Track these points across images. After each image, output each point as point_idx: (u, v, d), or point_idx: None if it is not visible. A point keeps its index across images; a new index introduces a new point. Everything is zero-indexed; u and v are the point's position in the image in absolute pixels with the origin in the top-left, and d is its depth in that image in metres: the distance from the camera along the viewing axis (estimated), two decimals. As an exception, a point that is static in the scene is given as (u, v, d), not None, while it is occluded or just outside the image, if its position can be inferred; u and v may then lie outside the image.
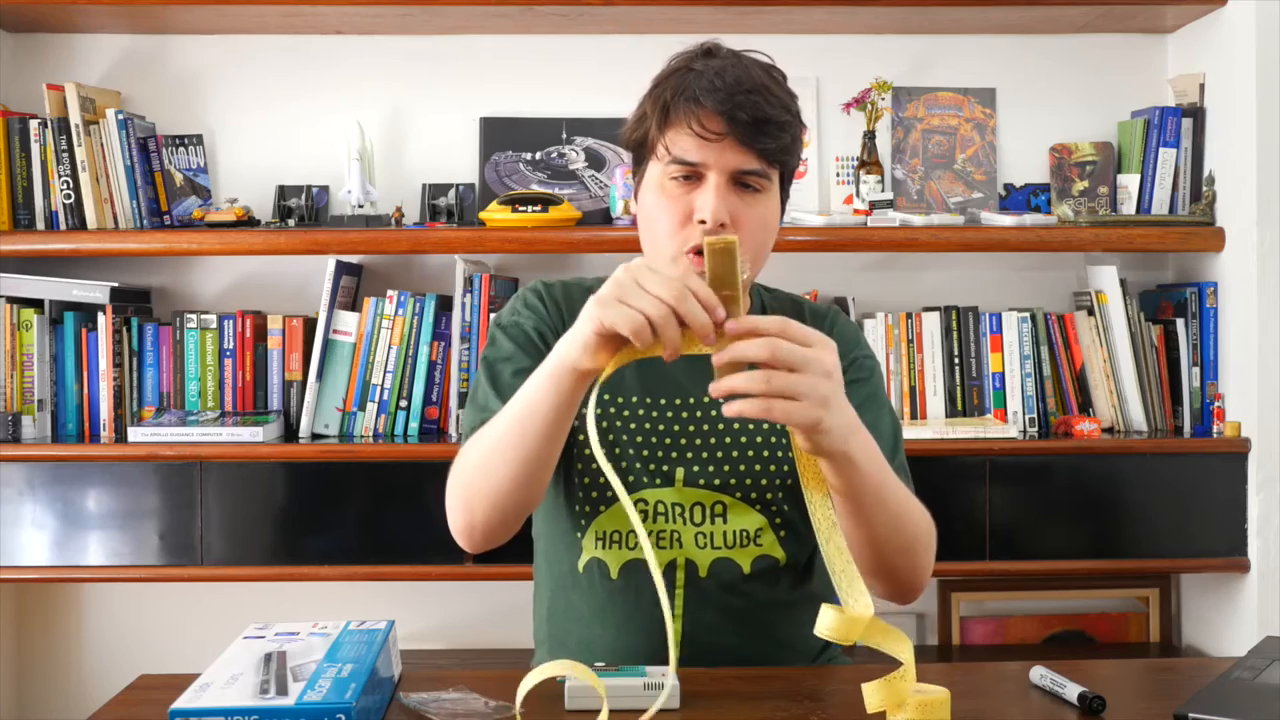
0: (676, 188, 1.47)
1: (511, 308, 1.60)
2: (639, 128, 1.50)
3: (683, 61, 1.49)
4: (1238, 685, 1.30)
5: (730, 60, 1.48)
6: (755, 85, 1.45)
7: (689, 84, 1.45)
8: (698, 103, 1.44)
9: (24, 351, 2.53)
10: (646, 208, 1.51)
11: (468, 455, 1.44)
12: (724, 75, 1.45)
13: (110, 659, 2.77)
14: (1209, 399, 2.58)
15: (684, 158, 1.45)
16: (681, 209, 1.46)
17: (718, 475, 1.52)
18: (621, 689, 1.26)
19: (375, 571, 2.45)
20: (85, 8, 2.51)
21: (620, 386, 1.54)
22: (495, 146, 2.72)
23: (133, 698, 1.34)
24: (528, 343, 1.54)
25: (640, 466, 1.51)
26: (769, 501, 1.54)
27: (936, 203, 2.75)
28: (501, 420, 1.39)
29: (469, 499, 1.43)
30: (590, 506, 1.53)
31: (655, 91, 1.49)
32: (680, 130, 1.45)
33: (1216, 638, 2.63)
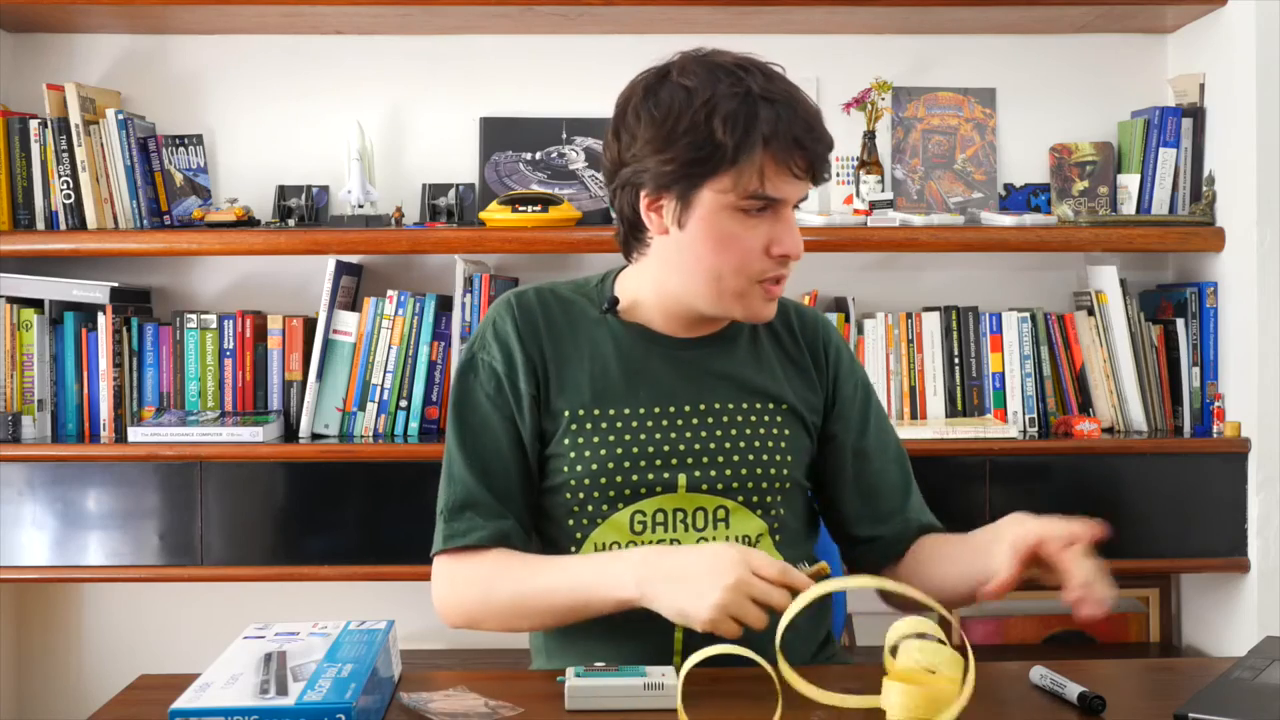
0: (746, 218, 1.47)
1: (480, 338, 1.58)
2: (698, 151, 1.44)
3: (740, 85, 1.44)
4: (1238, 685, 1.30)
5: (789, 84, 1.48)
6: (819, 115, 1.49)
7: (785, 120, 1.44)
8: (798, 143, 1.44)
9: (24, 351, 2.53)
10: (714, 238, 1.47)
11: (470, 587, 1.51)
12: (808, 112, 1.46)
13: (110, 659, 2.77)
14: (1209, 399, 2.58)
15: (774, 195, 1.46)
16: (760, 242, 1.48)
17: (720, 479, 1.52)
18: (621, 689, 1.26)
19: (375, 571, 2.45)
20: (85, 8, 2.51)
21: (621, 398, 1.54)
22: (495, 146, 2.72)
23: (133, 698, 1.34)
24: (498, 394, 1.54)
25: (638, 478, 1.51)
26: (769, 505, 1.54)
27: (936, 203, 2.75)
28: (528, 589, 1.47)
29: (476, 622, 1.52)
30: (587, 520, 1.52)
31: (734, 120, 1.43)
32: (780, 169, 1.45)
33: (1216, 638, 2.63)
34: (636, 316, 1.58)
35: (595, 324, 1.57)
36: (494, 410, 1.54)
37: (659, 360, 1.56)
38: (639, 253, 1.57)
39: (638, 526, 1.51)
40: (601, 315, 1.58)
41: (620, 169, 1.52)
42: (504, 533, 1.52)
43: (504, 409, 1.54)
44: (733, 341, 1.59)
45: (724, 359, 1.58)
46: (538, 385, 1.54)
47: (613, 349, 1.55)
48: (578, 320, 1.57)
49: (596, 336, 1.56)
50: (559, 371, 1.54)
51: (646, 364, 1.55)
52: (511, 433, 1.54)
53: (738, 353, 1.59)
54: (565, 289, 1.61)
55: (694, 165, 1.45)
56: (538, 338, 1.55)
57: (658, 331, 1.57)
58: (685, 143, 1.44)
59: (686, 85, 1.46)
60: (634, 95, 1.51)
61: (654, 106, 1.47)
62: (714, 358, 1.57)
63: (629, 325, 1.57)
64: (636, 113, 1.49)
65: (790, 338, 1.63)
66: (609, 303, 1.58)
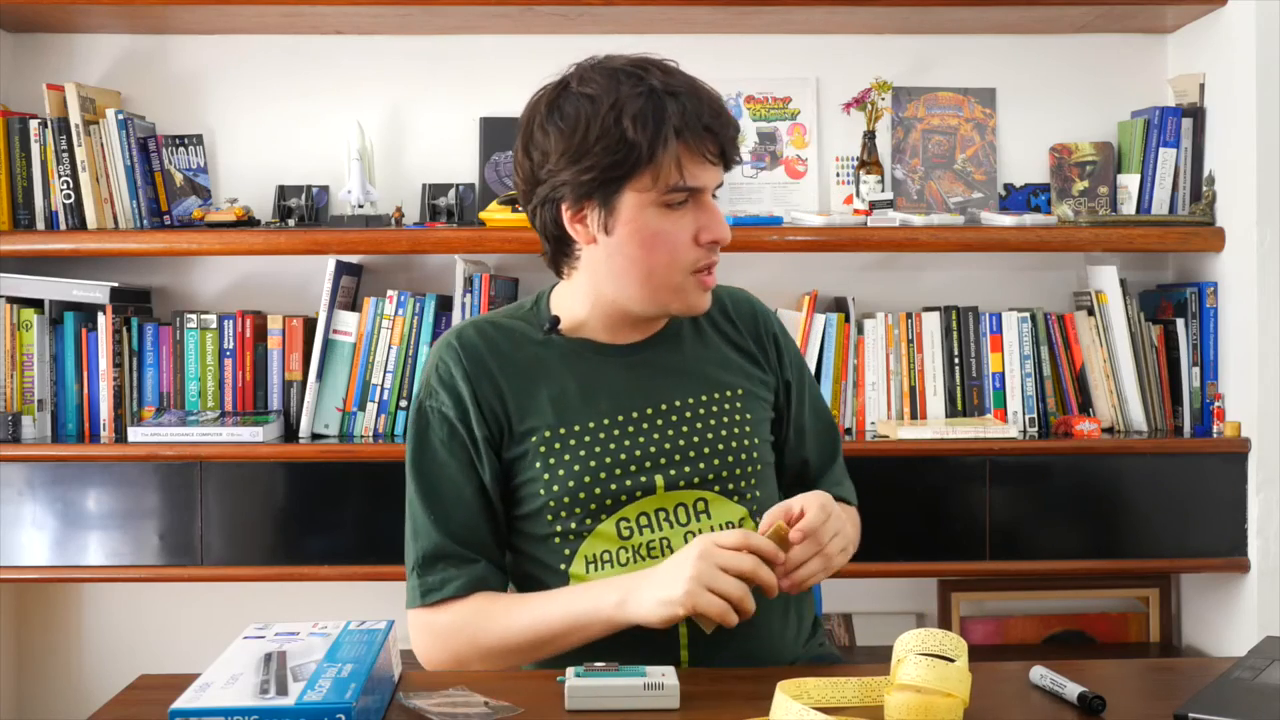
0: (670, 212, 1.49)
1: (427, 386, 1.58)
2: (613, 154, 1.46)
3: (643, 84, 1.47)
4: (1238, 685, 1.30)
5: (684, 77, 1.51)
6: (722, 101, 1.53)
7: (691, 110, 1.46)
8: (709, 130, 1.47)
9: (24, 351, 2.53)
10: (642, 234, 1.49)
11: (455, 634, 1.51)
12: (711, 98, 1.49)
13: (110, 659, 2.77)
14: (1209, 399, 2.58)
15: (693, 184, 1.48)
16: (689, 232, 1.50)
17: (695, 473, 1.54)
18: (621, 689, 1.27)
19: (375, 571, 2.44)
20: (85, 8, 2.51)
21: (583, 413, 1.55)
22: (495, 146, 2.72)
23: (133, 698, 1.34)
24: (452, 440, 1.55)
25: (616, 486, 1.52)
26: (744, 490, 1.57)
27: (936, 203, 2.75)
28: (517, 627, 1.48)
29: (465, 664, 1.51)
30: (574, 535, 1.53)
31: (642, 119, 1.45)
32: (694, 158, 1.47)
33: (1216, 638, 2.63)
34: (580, 332, 1.59)
35: (541, 346, 1.58)
36: (450, 457, 1.55)
37: (611, 370, 1.57)
38: (569, 267, 1.59)
39: (625, 531, 1.52)
40: (545, 336, 1.59)
41: (536, 187, 1.54)
42: (479, 577, 1.53)
43: (460, 454, 1.55)
44: (677, 338, 1.61)
45: (673, 356, 1.60)
46: (496, 422, 1.54)
47: (564, 368, 1.56)
48: (523, 346, 1.58)
49: (545, 358, 1.57)
50: (517, 400, 1.54)
51: (600, 376, 1.57)
52: (472, 478, 1.55)
53: (684, 348, 1.61)
54: (502, 318, 1.62)
55: (612, 169, 1.47)
56: (488, 372, 1.55)
57: (603, 342, 1.59)
58: (600, 149, 1.46)
59: (589, 93, 1.48)
60: (537, 112, 1.52)
61: (560, 119, 1.49)
62: (663, 357, 1.60)
63: (574, 341, 1.59)
64: (544, 128, 1.50)
65: (730, 324, 1.66)
66: (550, 323, 1.59)
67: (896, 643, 1.23)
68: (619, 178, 1.47)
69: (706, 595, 1.35)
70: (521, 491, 1.55)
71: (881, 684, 1.27)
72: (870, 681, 1.28)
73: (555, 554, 1.54)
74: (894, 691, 1.20)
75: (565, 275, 1.61)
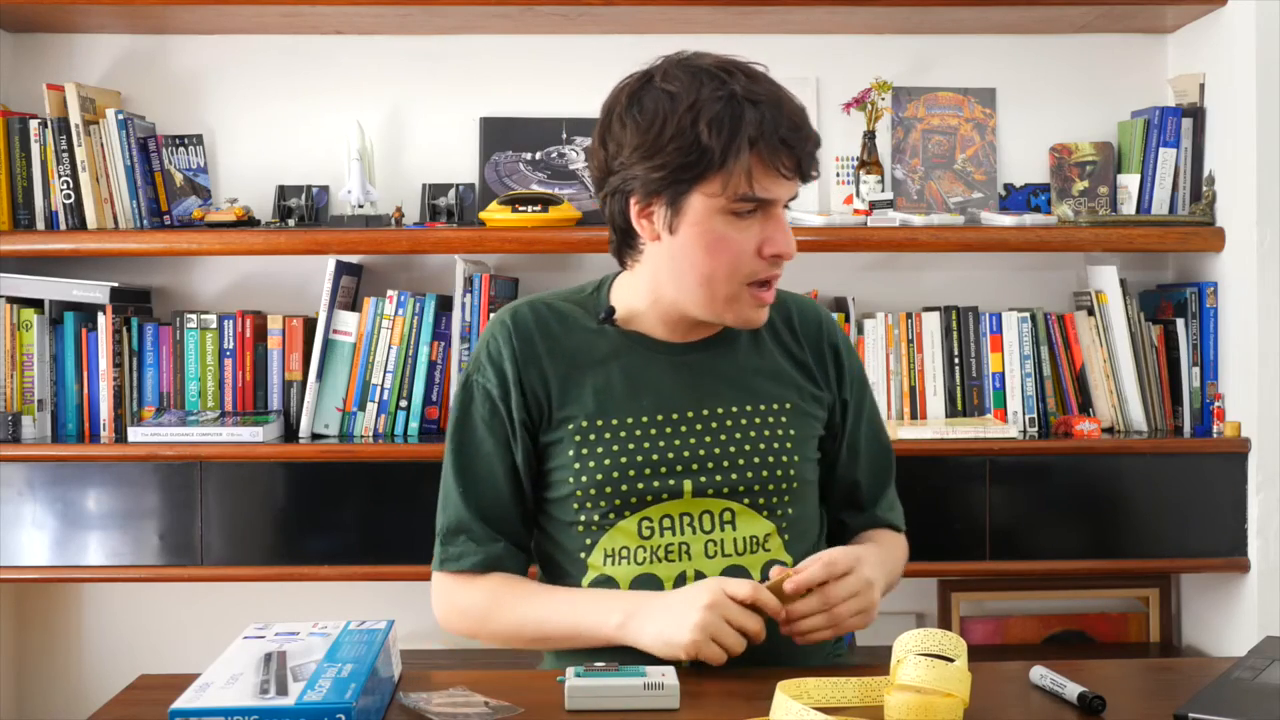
0: (737, 220, 1.47)
1: (476, 360, 1.59)
2: (685, 156, 1.44)
3: (724, 88, 1.44)
4: (1238, 685, 1.30)
5: (773, 84, 1.48)
6: (804, 113, 1.49)
7: (770, 120, 1.44)
8: (785, 143, 1.44)
9: (24, 351, 2.53)
10: (706, 238, 1.47)
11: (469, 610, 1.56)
12: (793, 110, 1.47)
13: (110, 659, 2.77)
14: (1209, 399, 2.58)
15: (763, 195, 1.46)
16: (752, 243, 1.48)
17: (725, 483, 1.53)
18: (621, 689, 1.26)
19: (375, 571, 2.45)
20: (85, 8, 2.51)
21: (625, 408, 1.54)
22: (495, 146, 2.72)
23: (133, 698, 1.34)
24: (492, 418, 1.56)
25: (643, 486, 1.52)
26: (775, 506, 1.55)
27: (936, 203, 2.75)
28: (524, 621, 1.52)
29: (475, 637, 1.59)
30: (596, 527, 1.53)
31: (718, 124, 1.43)
32: (768, 170, 1.45)
33: (1216, 638, 2.63)
34: (635, 325, 1.58)
35: (594, 335, 1.57)
36: (489, 434, 1.56)
37: (660, 368, 1.56)
38: (633, 260, 1.57)
39: (645, 532, 1.52)
40: (600, 325, 1.58)
41: (607, 177, 1.52)
42: (496, 557, 1.55)
43: (498, 433, 1.56)
44: (733, 344, 1.59)
45: (725, 362, 1.58)
46: (536, 406, 1.55)
47: (614, 359, 1.56)
48: (576, 332, 1.58)
49: (596, 347, 1.57)
50: (561, 386, 1.55)
51: (648, 372, 1.55)
52: (506, 457, 1.56)
53: (738, 355, 1.59)
54: (560, 300, 1.61)
55: (682, 170, 1.45)
56: (536, 355, 1.55)
57: (657, 339, 1.57)
58: (673, 148, 1.44)
59: (670, 90, 1.46)
60: (618, 103, 1.51)
61: (639, 113, 1.47)
62: (715, 361, 1.58)
63: (628, 334, 1.58)
64: (621, 120, 1.49)
65: (791, 335, 1.63)
66: (606, 313, 1.58)
67: (896, 643, 1.23)
68: (689, 179, 1.45)
69: (710, 646, 1.37)
70: (552, 476, 1.56)
71: (881, 684, 1.27)
72: (870, 681, 1.28)
73: (577, 542, 1.55)
74: (894, 691, 1.20)
75: (628, 267, 1.59)
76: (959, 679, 1.19)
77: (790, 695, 1.22)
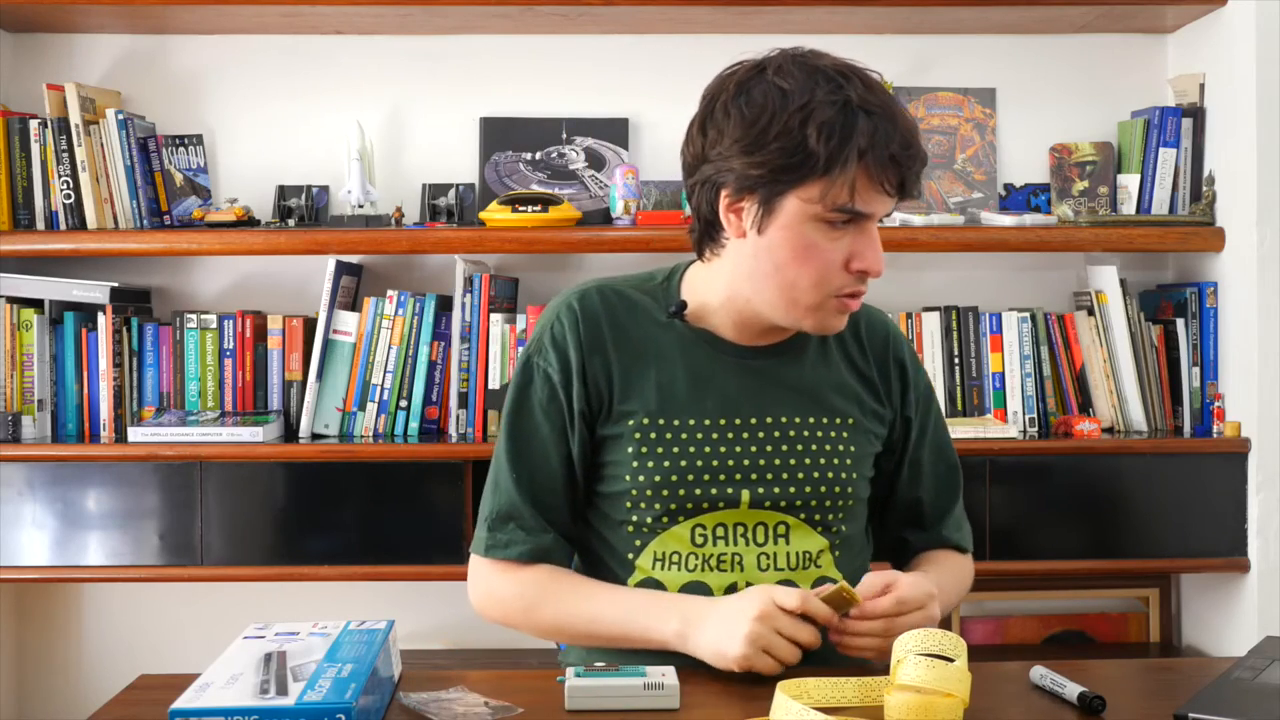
0: (829, 230, 1.42)
1: (539, 341, 1.54)
2: (789, 157, 1.38)
3: (838, 94, 1.39)
4: (1238, 685, 1.30)
5: (884, 95, 1.43)
6: (916, 130, 1.44)
7: (882, 135, 1.38)
8: (894, 160, 1.40)
9: (24, 351, 2.53)
10: (794, 243, 1.42)
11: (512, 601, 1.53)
12: (906, 128, 1.42)
13: (110, 659, 2.77)
14: (1209, 399, 2.58)
15: (862, 209, 1.41)
16: (841, 256, 1.43)
17: (783, 496, 1.50)
18: (621, 689, 1.26)
19: (375, 571, 2.45)
20: (85, 8, 2.51)
21: (687, 408, 1.50)
22: (495, 146, 2.72)
23: (133, 698, 1.34)
24: (551, 404, 1.52)
25: (701, 492, 1.49)
26: (830, 523, 1.52)
27: (936, 203, 2.75)
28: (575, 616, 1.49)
29: (514, 627, 1.55)
30: (647, 529, 1.50)
31: (828, 131, 1.37)
32: (871, 184, 1.40)
33: (1216, 638, 2.63)
34: (704, 322, 1.53)
35: (662, 329, 1.53)
36: (545, 420, 1.51)
37: (726, 370, 1.52)
38: (712, 252, 1.51)
39: (698, 539, 1.49)
40: (669, 319, 1.53)
41: (701, 164, 1.46)
42: (545, 548, 1.51)
43: (556, 420, 1.51)
44: (801, 351, 1.55)
45: (792, 370, 1.54)
46: (598, 396, 1.51)
47: (680, 356, 1.52)
48: (644, 324, 1.53)
49: (663, 342, 1.52)
50: (625, 378, 1.50)
51: (713, 373, 1.51)
52: (561, 446, 1.51)
53: (805, 364, 1.55)
54: (630, 288, 1.56)
55: (783, 171, 1.39)
56: (602, 344, 1.51)
57: (725, 339, 1.53)
58: (776, 147, 1.39)
59: (782, 86, 1.40)
60: (725, 90, 1.44)
61: (746, 105, 1.41)
62: (782, 368, 1.54)
63: (696, 331, 1.53)
64: (726, 109, 1.42)
65: (859, 348, 1.59)
66: (678, 307, 1.53)
67: (896, 643, 1.23)
68: (787, 181, 1.40)
69: (762, 658, 1.33)
70: (607, 471, 1.52)
71: (881, 684, 1.27)
72: (870, 681, 1.28)
73: (626, 542, 1.51)
74: (894, 691, 1.20)
75: (706, 259, 1.53)
76: (959, 679, 1.19)
77: (790, 695, 1.22)
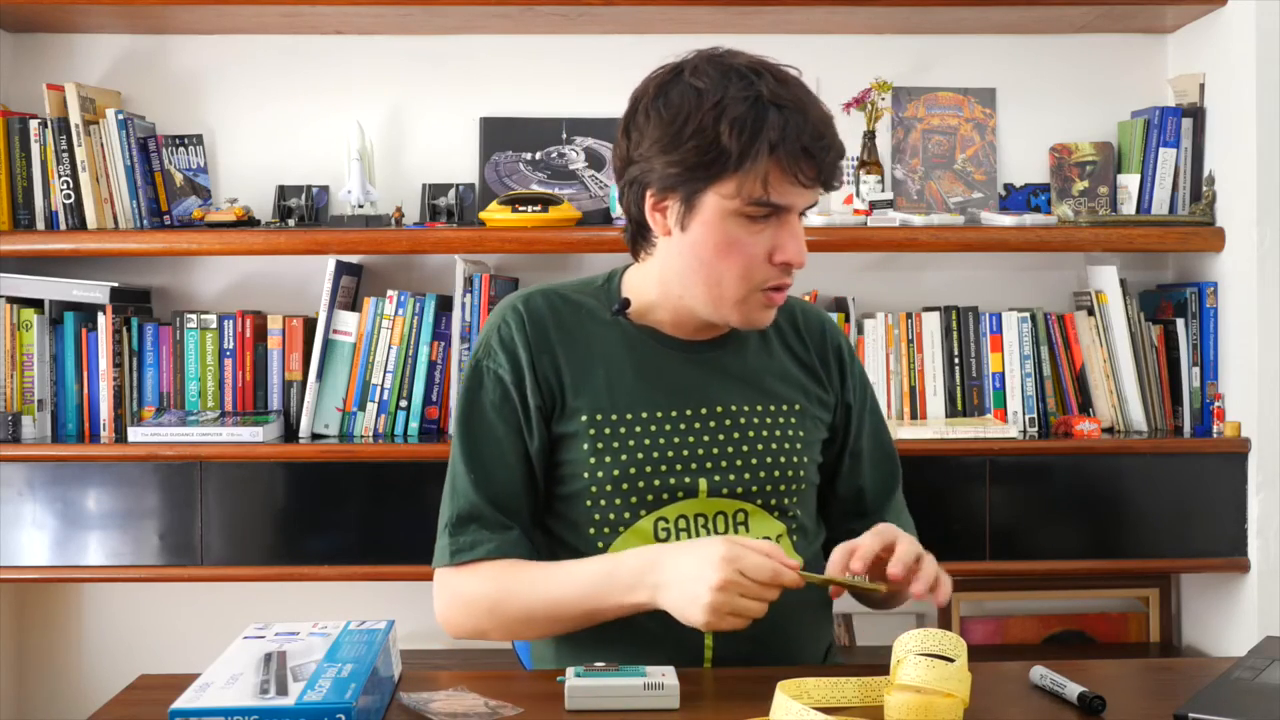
0: (750, 224, 1.45)
1: (486, 345, 1.56)
2: (703, 155, 1.42)
3: (751, 89, 1.41)
4: (1238, 685, 1.30)
5: (801, 89, 1.45)
6: (830, 122, 1.45)
7: (793, 127, 1.40)
8: (806, 152, 1.41)
9: (24, 351, 2.53)
10: (714, 243, 1.45)
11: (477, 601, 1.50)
12: (819, 120, 1.43)
13: (110, 659, 2.77)
14: (1209, 399, 2.58)
15: (778, 202, 1.43)
16: (763, 249, 1.46)
17: (740, 483, 1.52)
18: (621, 689, 1.26)
19: (375, 571, 2.45)
20: (85, 8, 2.51)
21: (638, 402, 1.52)
22: (495, 146, 2.72)
23: (133, 698, 1.34)
24: (504, 404, 1.53)
25: (660, 483, 1.50)
26: (786, 507, 1.54)
27: (936, 203, 2.75)
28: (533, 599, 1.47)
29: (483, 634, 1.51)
30: (609, 528, 1.51)
31: (740, 126, 1.40)
32: (784, 176, 1.42)
33: (1216, 638, 2.63)
34: (646, 319, 1.57)
35: (606, 327, 1.56)
36: (500, 421, 1.53)
37: (673, 363, 1.55)
38: (646, 252, 1.55)
39: (661, 533, 1.50)
40: (612, 318, 1.56)
41: (628, 166, 1.50)
42: (509, 544, 1.51)
43: (510, 419, 1.53)
44: (743, 343, 1.59)
45: (736, 360, 1.57)
46: (549, 394, 1.53)
47: (626, 353, 1.54)
48: (589, 324, 1.56)
49: (609, 340, 1.55)
50: (574, 377, 1.53)
51: (661, 367, 1.54)
52: (517, 444, 1.53)
53: (749, 354, 1.58)
54: (571, 290, 1.59)
55: (699, 169, 1.43)
56: (549, 344, 1.53)
57: (668, 335, 1.56)
58: (692, 145, 1.42)
59: (698, 86, 1.43)
60: (646, 93, 1.48)
61: (664, 106, 1.45)
62: (726, 359, 1.57)
63: (640, 328, 1.56)
64: (646, 111, 1.47)
65: (797, 338, 1.63)
66: (620, 305, 1.56)
67: (896, 643, 1.23)
68: (704, 178, 1.43)
69: (727, 620, 1.34)
70: (564, 470, 1.53)
71: (881, 684, 1.27)
72: (870, 681, 1.28)
73: (589, 544, 1.52)
74: (894, 691, 1.20)
75: (640, 260, 1.57)
76: (959, 679, 1.19)
77: (790, 695, 1.22)
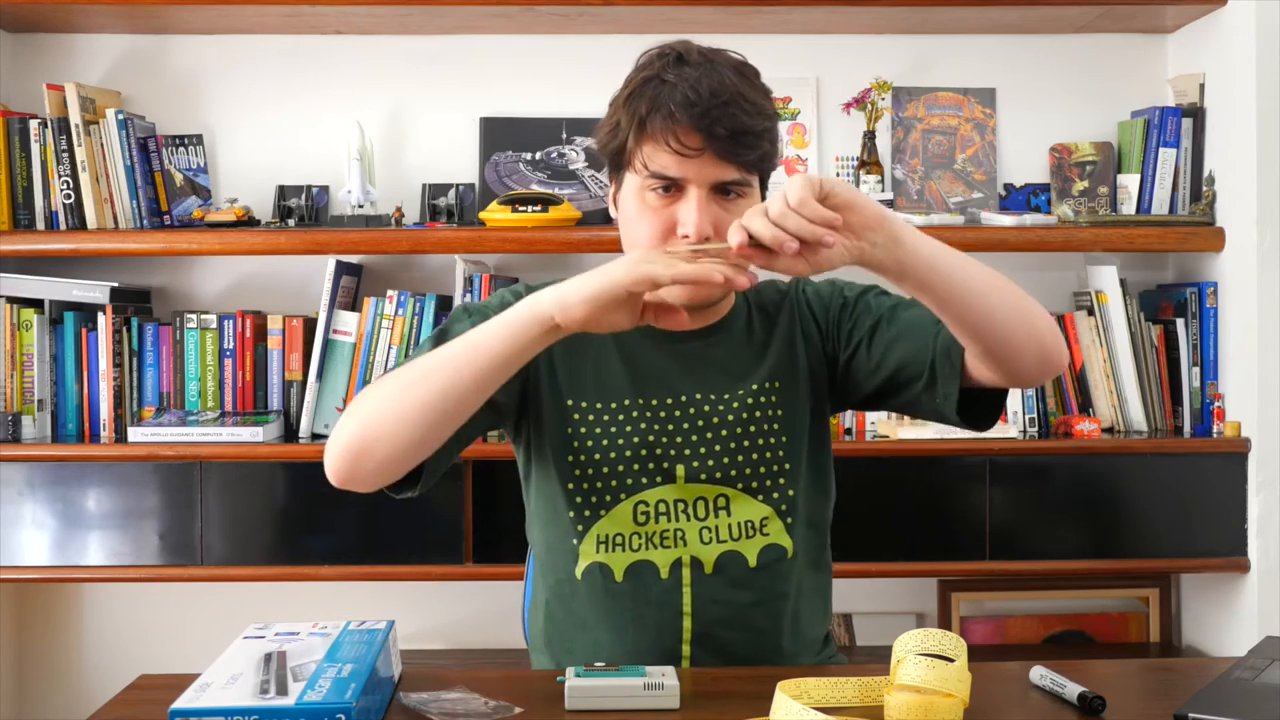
0: (656, 199, 1.46)
1: (484, 302, 1.56)
2: (613, 138, 1.49)
3: (654, 69, 1.46)
4: (1238, 685, 1.30)
5: (703, 67, 1.44)
6: (731, 95, 1.42)
7: (663, 97, 1.42)
8: (673, 119, 1.42)
9: (24, 351, 2.54)
10: (628, 216, 1.50)
11: (372, 388, 1.39)
12: (698, 87, 1.41)
13: (110, 659, 2.77)
14: (1209, 399, 2.58)
15: (663, 173, 1.44)
16: (663, 221, 1.46)
17: (718, 469, 1.52)
18: (621, 689, 1.27)
19: (375, 571, 2.45)
20: (85, 8, 2.51)
21: (612, 389, 1.54)
22: (495, 146, 2.72)
23: (133, 698, 1.34)
24: None
25: (639, 468, 1.51)
26: (770, 489, 1.54)
27: (936, 203, 2.75)
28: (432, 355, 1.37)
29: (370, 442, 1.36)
30: (590, 512, 1.52)
31: (629, 103, 1.46)
32: (657, 146, 1.44)
33: (1216, 638, 2.63)
34: None
35: None
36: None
37: (657, 354, 1.56)
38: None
39: (640, 517, 1.51)
40: None
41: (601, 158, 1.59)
42: None
43: None
44: (727, 331, 1.59)
45: (720, 349, 1.58)
46: (536, 372, 1.54)
47: (612, 343, 1.56)
48: None
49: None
50: (564, 363, 1.55)
51: (644, 357, 1.56)
52: None
53: (733, 342, 1.59)
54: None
55: (612, 152, 1.51)
56: None
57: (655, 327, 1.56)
58: (607, 128, 1.50)
59: (629, 75, 1.50)
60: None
61: (613, 98, 1.52)
62: (710, 349, 1.57)
63: None
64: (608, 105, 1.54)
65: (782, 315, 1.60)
66: None
67: (896, 643, 1.23)
68: (617, 161, 1.50)
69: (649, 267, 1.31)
70: (547, 454, 1.54)
71: (881, 684, 1.27)
72: (870, 681, 1.28)
73: (568, 530, 1.53)
74: (894, 691, 1.20)
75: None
76: (959, 679, 1.19)
77: (790, 695, 1.22)
